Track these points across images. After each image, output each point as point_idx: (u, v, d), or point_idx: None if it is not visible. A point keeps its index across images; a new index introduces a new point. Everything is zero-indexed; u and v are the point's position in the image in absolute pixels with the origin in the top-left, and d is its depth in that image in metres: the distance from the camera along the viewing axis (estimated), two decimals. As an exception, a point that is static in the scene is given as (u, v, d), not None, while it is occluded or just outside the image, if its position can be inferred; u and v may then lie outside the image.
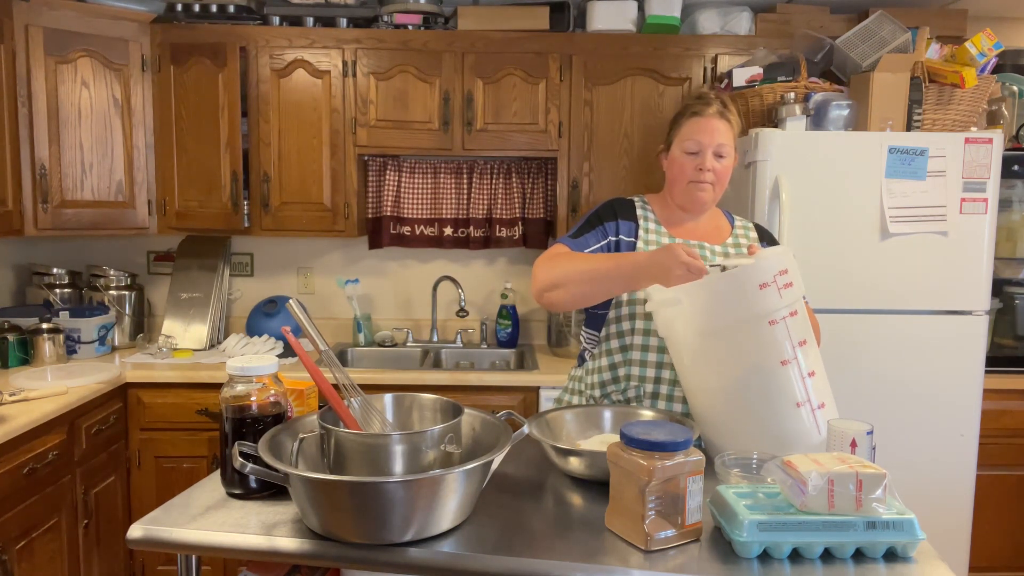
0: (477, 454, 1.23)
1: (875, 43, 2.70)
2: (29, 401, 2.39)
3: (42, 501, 2.33)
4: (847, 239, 2.53)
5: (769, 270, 1.38)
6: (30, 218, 2.77)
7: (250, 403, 1.29)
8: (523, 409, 2.85)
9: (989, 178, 2.52)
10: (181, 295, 3.29)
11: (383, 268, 3.51)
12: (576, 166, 3.11)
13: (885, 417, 2.54)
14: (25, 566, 2.26)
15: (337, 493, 1.07)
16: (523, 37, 3.04)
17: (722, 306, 1.40)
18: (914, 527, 1.10)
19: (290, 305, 1.24)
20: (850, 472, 1.10)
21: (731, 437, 1.47)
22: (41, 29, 2.74)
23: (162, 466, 2.86)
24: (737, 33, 3.09)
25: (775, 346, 1.40)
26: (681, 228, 1.80)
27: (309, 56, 3.03)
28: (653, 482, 1.10)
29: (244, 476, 1.25)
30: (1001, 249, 2.87)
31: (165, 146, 3.06)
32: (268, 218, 3.10)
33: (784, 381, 1.42)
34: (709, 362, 1.46)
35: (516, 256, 3.50)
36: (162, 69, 3.03)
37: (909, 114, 2.56)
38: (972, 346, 2.58)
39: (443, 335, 3.49)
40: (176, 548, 1.16)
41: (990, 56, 2.55)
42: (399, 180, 3.36)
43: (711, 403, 1.49)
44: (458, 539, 1.13)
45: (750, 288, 1.38)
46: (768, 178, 2.51)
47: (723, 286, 1.41)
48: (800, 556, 1.10)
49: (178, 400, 2.82)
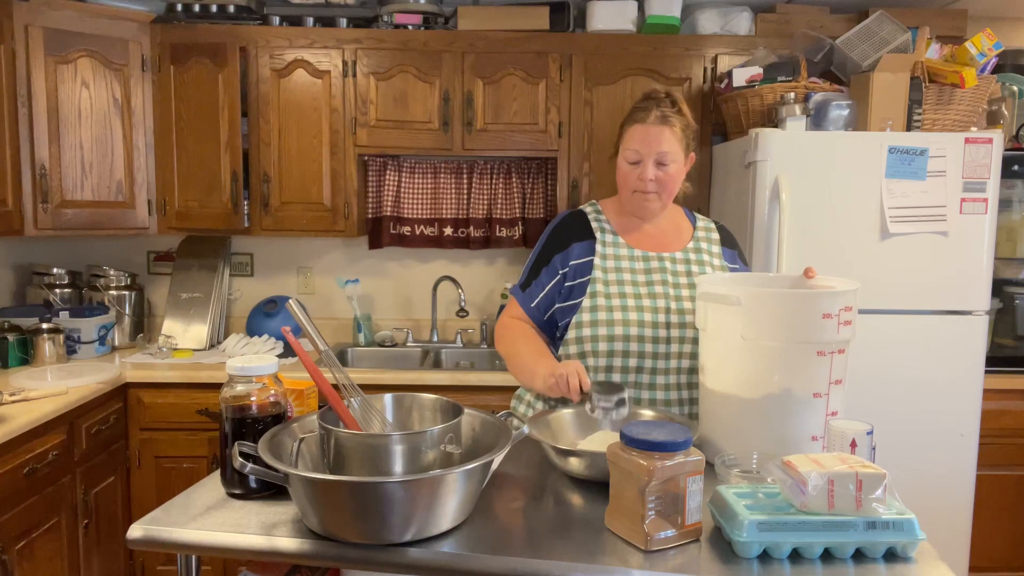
0: (477, 454, 1.23)
1: (875, 43, 2.70)
2: (29, 401, 2.39)
3: (42, 501, 2.33)
4: (847, 239, 2.53)
5: (837, 303, 1.38)
6: (30, 218, 2.77)
7: (250, 403, 1.29)
8: (523, 409, 2.84)
9: (989, 178, 2.52)
10: (181, 295, 3.29)
11: (383, 268, 3.51)
12: (576, 166, 3.11)
13: (885, 417, 2.54)
14: (25, 566, 2.26)
15: (337, 493, 1.07)
16: (523, 37, 3.04)
17: (780, 322, 1.39)
18: (914, 527, 1.10)
19: (290, 305, 1.24)
20: (850, 472, 1.10)
21: (734, 442, 1.46)
22: (41, 29, 2.74)
23: (162, 466, 2.86)
24: (737, 33, 3.09)
25: (814, 377, 1.39)
26: (638, 234, 1.78)
27: (309, 56, 3.03)
28: (653, 482, 1.10)
29: (244, 476, 1.25)
30: (1001, 249, 2.87)
31: (165, 146, 3.06)
32: (268, 218, 3.10)
33: (810, 413, 1.41)
34: (744, 368, 1.44)
35: (516, 256, 3.50)
36: (162, 69, 3.03)
37: (909, 114, 2.56)
38: (972, 346, 2.58)
39: (443, 335, 3.49)
40: (176, 548, 1.16)
41: (990, 56, 2.55)
42: (399, 180, 3.36)
43: (727, 406, 1.47)
44: (458, 539, 1.13)
45: (814, 314, 1.37)
46: (768, 178, 2.51)
47: (788, 304, 1.40)
48: (800, 556, 1.10)
49: (178, 400, 2.82)
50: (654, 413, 1.56)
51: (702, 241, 1.81)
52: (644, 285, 1.71)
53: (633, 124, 1.70)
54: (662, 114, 1.67)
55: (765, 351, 1.40)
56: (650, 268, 1.74)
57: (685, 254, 1.77)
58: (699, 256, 1.77)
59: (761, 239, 2.51)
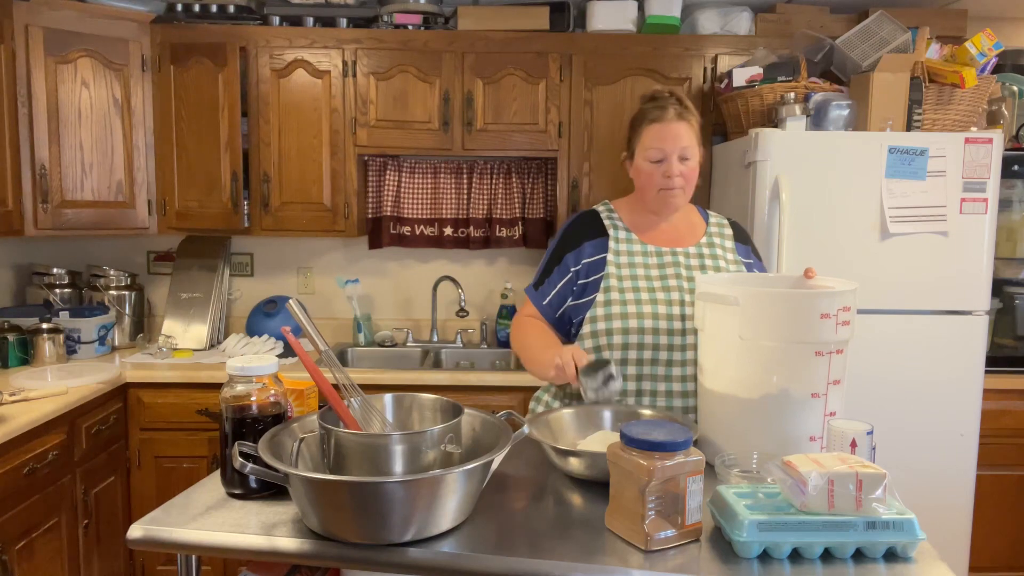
0: (477, 454, 1.23)
1: (875, 43, 2.70)
2: (29, 401, 2.39)
3: (42, 501, 2.33)
4: (847, 239, 2.53)
5: (835, 303, 1.38)
6: (30, 218, 2.77)
7: (250, 403, 1.29)
8: (523, 409, 2.84)
9: (989, 178, 2.52)
10: (181, 295, 3.29)
11: (383, 268, 3.51)
12: (576, 166, 3.11)
13: (885, 417, 2.54)
14: (25, 566, 2.26)
15: (337, 493, 1.07)
16: (523, 37, 3.04)
17: (778, 322, 1.39)
18: (914, 527, 1.10)
19: (290, 305, 1.24)
20: (850, 472, 1.10)
21: (733, 442, 1.46)
22: (41, 29, 2.74)
23: (162, 466, 2.86)
24: (737, 33, 3.09)
25: (812, 377, 1.39)
26: (652, 232, 1.80)
27: (309, 56, 3.03)
28: (653, 482, 1.10)
29: (244, 476, 1.25)
30: (1001, 249, 2.87)
31: (165, 146, 3.06)
32: (268, 218, 3.10)
33: (808, 413, 1.41)
34: (742, 369, 1.44)
35: (516, 256, 3.50)
36: (162, 69, 3.03)
37: (909, 114, 2.56)
38: (972, 346, 2.58)
39: (443, 335, 3.49)
40: (176, 548, 1.16)
41: (990, 56, 2.55)
42: (399, 180, 3.36)
43: (725, 406, 1.47)
44: (458, 539, 1.13)
45: (812, 314, 1.37)
46: (768, 178, 2.51)
47: (786, 304, 1.40)
48: (800, 556, 1.10)
49: (178, 400, 2.82)
50: (654, 412, 1.56)
51: (715, 237, 1.82)
52: (658, 279, 1.73)
53: (651, 124, 1.73)
54: (678, 111, 1.72)
55: (763, 351, 1.40)
56: (663, 263, 1.76)
57: (699, 249, 1.78)
58: (712, 251, 1.79)
59: (761, 239, 2.51)
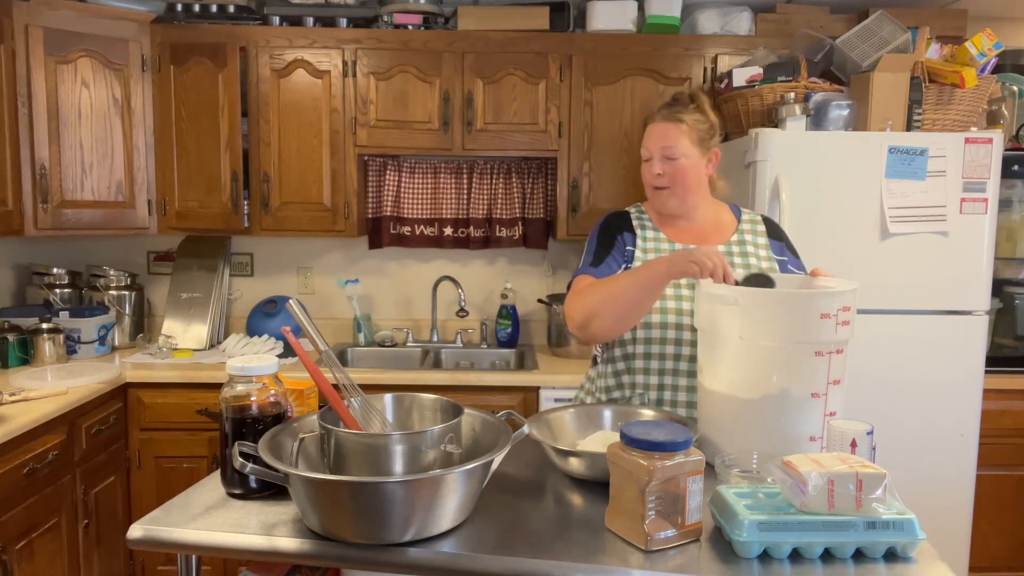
0: (477, 454, 1.23)
1: (875, 43, 2.70)
2: (29, 401, 2.39)
3: (42, 501, 2.33)
4: (847, 239, 2.53)
5: (835, 303, 1.38)
6: (30, 218, 2.77)
7: (250, 403, 1.29)
8: (523, 409, 2.85)
9: (989, 178, 2.52)
10: (181, 295, 3.29)
11: (383, 268, 3.51)
12: (576, 166, 3.11)
13: (885, 417, 2.54)
14: (25, 566, 2.26)
15: (337, 493, 1.07)
16: (523, 37, 3.04)
17: (777, 322, 1.39)
18: (914, 527, 1.10)
19: (290, 305, 1.24)
20: (850, 472, 1.10)
21: (733, 442, 1.46)
22: (41, 29, 2.74)
23: (162, 466, 2.86)
24: (737, 33, 3.09)
25: (812, 377, 1.39)
26: (676, 228, 1.81)
27: (309, 56, 3.03)
28: (653, 482, 1.10)
29: (244, 476, 1.25)
30: (1001, 249, 2.87)
31: (165, 146, 3.06)
32: (268, 218, 3.10)
33: (808, 413, 1.41)
34: (741, 369, 1.44)
35: (516, 256, 3.50)
36: (162, 69, 3.03)
37: (909, 114, 2.56)
38: (972, 346, 2.58)
39: (443, 335, 3.49)
40: (176, 548, 1.16)
41: (990, 56, 2.55)
42: (399, 180, 3.36)
43: (725, 406, 1.47)
44: (458, 539, 1.13)
45: (811, 314, 1.37)
46: (768, 178, 2.51)
47: (785, 304, 1.40)
48: (800, 556, 1.10)
49: (178, 400, 2.82)
50: (654, 413, 1.56)
51: (747, 234, 1.81)
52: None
53: (647, 125, 1.79)
54: (670, 112, 1.74)
55: (763, 351, 1.40)
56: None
57: (728, 247, 1.78)
58: (743, 248, 1.78)
59: (761, 239, 2.51)
